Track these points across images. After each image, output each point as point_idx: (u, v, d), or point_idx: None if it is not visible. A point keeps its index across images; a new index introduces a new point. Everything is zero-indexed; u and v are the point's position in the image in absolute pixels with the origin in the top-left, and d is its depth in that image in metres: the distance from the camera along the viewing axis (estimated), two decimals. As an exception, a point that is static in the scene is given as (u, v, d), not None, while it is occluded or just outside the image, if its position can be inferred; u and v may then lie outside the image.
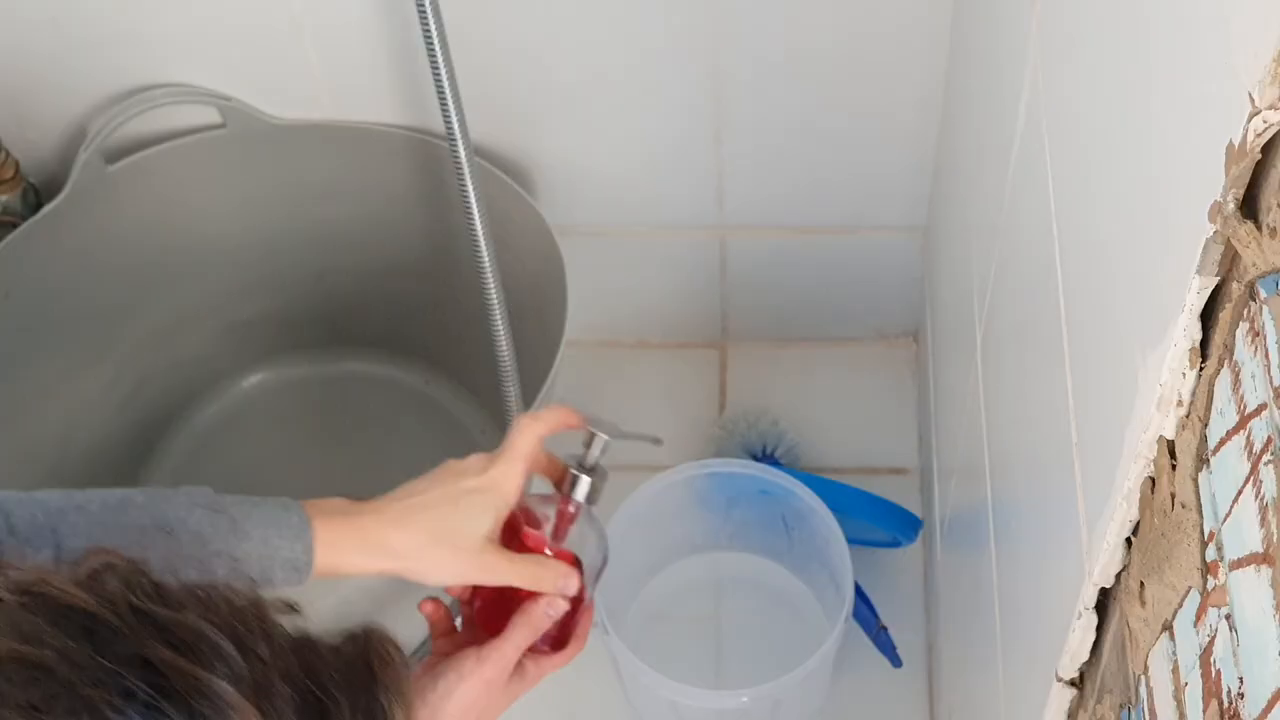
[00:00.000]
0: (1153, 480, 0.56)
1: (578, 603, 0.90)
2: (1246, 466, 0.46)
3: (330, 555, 0.81)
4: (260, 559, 0.78)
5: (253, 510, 0.79)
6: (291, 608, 0.59)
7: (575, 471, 0.91)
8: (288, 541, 0.79)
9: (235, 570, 0.77)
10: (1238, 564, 0.46)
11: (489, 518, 0.86)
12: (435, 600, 0.90)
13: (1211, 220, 0.46)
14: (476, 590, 0.89)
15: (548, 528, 0.90)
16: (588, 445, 0.92)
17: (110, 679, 0.49)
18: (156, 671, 0.50)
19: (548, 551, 0.90)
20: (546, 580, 0.88)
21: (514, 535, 0.89)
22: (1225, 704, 0.47)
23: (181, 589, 0.54)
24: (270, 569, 0.79)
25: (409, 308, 1.59)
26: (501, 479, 0.87)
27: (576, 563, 0.90)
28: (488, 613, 0.90)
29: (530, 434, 0.89)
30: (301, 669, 0.54)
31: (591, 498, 0.91)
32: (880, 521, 1.43)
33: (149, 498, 0.78)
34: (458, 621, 0.91)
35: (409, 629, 1.19)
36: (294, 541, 0.79)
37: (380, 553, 0.83)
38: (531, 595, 0.88)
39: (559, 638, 0.89)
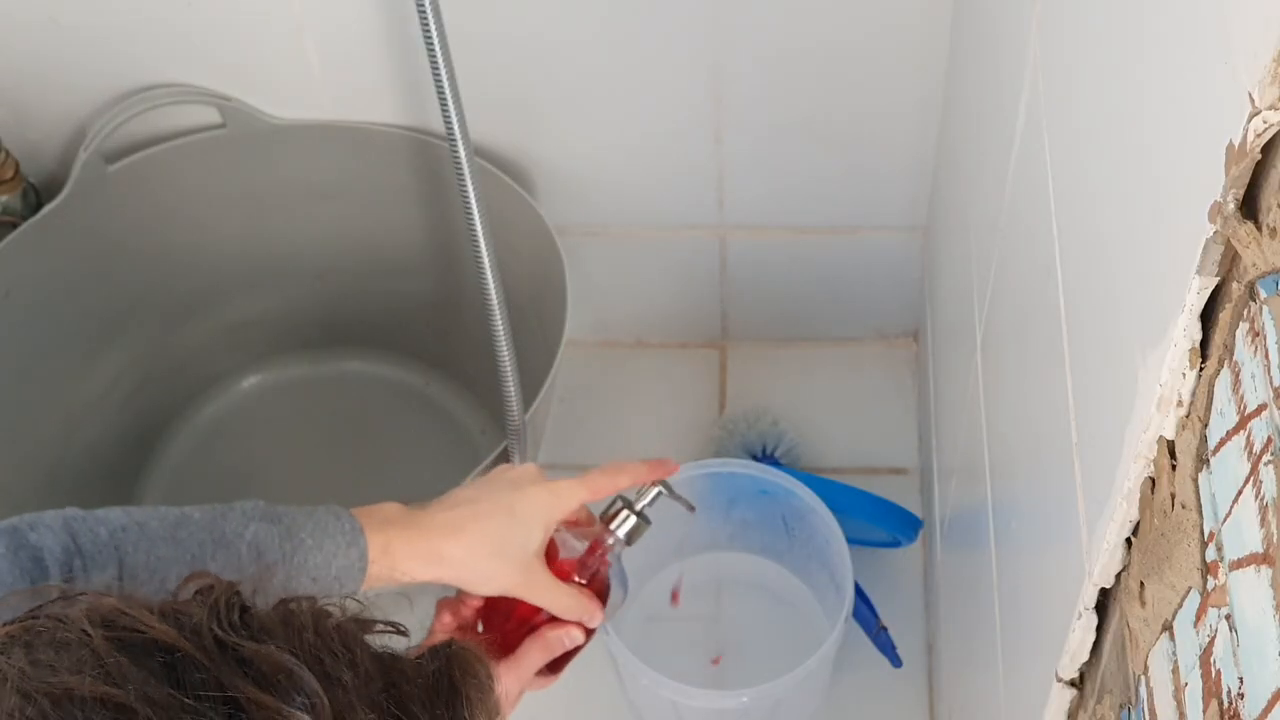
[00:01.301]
0: (1153, 480, 0.56)
1: (588, 636, 0.90)
2: (1246, 467, 0.46)
3: (384, 562, 0.81)
4: (315, 567, 0.78)
5: (306, 520, 0.79)
6: (397, 629, 0.58)
7: (625, 510, 0.91)
8: (342, 549, 0.79)
9: (291, 579, 0.78)
10: (1238, 564, 0.46)
11: (540, 530, 0.85)
12: (457, 607, 0.89)
13: (1211, 220, 0.46)
14: (490, 597, 0.89)
15: (578, 557, 0.90)
16: (638, 492, 0.93)
17: (189, 717, 0.49)
18: (236, 705, 0.49)
19: (576, 579, 0.90)
20: (575, 610, 0.88)
21: (548, 557, 0.89)
22: (1225, 704, 0.47)
23: (271, 614, 0.53)
24: (326, 577, 0.79)
25: (409, 308, 1.59)
26: (565, 491, 0.87)
27: (602, 597, 0.90)
28: (492, 615, 0.90)
29: (613, 473, 0.90)
30: (385, 691, 0.54)
31: (631, 538, 0.92)
32: (880, 521, 1.43)
33: (205, 514, 0.78)
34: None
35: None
36: (349, 548, 0.79)
37: (433, 561, 0.82)
38: (547, 617, 0.88)
39: (555, 663, 0.89)
